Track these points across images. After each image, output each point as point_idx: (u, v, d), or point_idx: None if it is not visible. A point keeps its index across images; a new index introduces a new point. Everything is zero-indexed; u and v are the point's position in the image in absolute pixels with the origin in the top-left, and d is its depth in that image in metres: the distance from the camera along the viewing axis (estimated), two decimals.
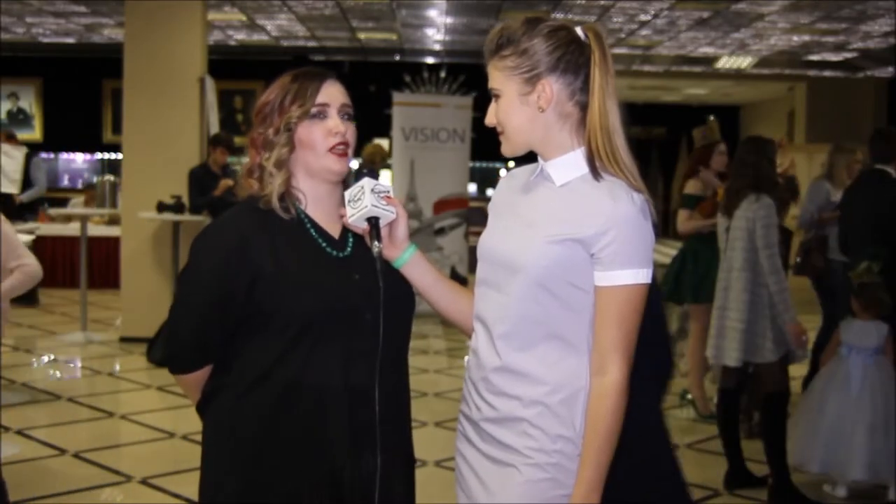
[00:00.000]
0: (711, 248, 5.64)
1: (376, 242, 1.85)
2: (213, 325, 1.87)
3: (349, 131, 1.91)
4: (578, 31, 1.82)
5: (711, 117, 6.54)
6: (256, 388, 1.85)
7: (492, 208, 1.97)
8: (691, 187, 5.79)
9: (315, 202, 1.92)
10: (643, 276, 1.76)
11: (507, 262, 1.82)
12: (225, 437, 1.89)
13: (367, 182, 1.87)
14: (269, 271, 1.82)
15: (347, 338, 1.84)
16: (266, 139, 1.89)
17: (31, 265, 4.35)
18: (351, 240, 1.93)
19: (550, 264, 1.76)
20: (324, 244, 1.90)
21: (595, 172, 1.78)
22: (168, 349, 1.96)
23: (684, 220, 5.75)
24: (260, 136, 1.91)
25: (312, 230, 1.90)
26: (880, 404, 4.34)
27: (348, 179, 1.94)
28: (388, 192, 1.89)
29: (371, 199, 1.84)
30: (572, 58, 1.80)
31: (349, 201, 1.87)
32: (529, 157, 1.91)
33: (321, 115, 1.89)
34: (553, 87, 1.79)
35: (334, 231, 1.93)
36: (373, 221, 1.85)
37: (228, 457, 1.88)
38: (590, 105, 1.79)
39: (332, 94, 1.91)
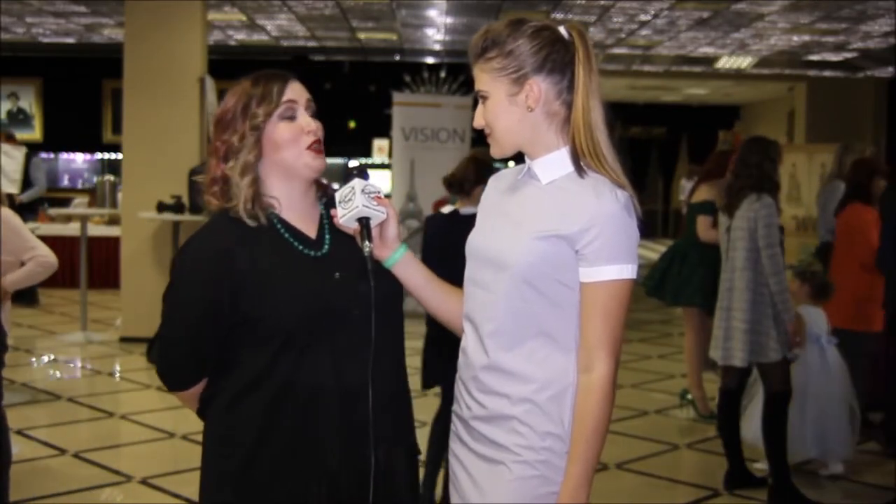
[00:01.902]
0: (699, 252, 5.65)
1: (367, 243, 1.85)
2: (202, 340, 1.87)
3: (319, 128, 1.90)
4: (562, 30, 1.83)
5: (738, 122, 6.52)
6: (249, 392, 1.85)
7: (480, 209, 1.98)
8: (705, 193, 5.66)
9: (289, 205, 1.91)
10: (628, 271, 1.77)
11: (493, 260, 1.83)
12: (220, 442, 1.90)
13: (357, 183, 1.87)
14: (249, 280, 1.82)
15: (336, 337, 1.84)
16: (230, 147, 1.86)
17: (44, 255, 4.44)
18: (328, 237, 1.93)
19: (536, 261, 1.77)
20: (300, 246, 1.89)
21: (580, 169, 1.80)
22: (161, 368, 1.96)
23: (707, 228, 5.57)
24: (223, 145, 1.87)
25: (286, 234, 1.89)
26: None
27: (340, 180, 1.94)
28: (379, 192, 1.89)
29: (362, 200, 1.85)
30: (558, 57, 1.81)
31: (340, 202, 1.87)
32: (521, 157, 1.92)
33: (290, 113, 1.87)
34: (541, 87, 1.80)
35: (310, 231, 1.92)
36: (363, 222, 1.86)
37: (224, 460, 1.88)
38: (574, 102, 1.81)
39: (298, 91, 1.89)
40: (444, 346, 3.24)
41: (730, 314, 4.38)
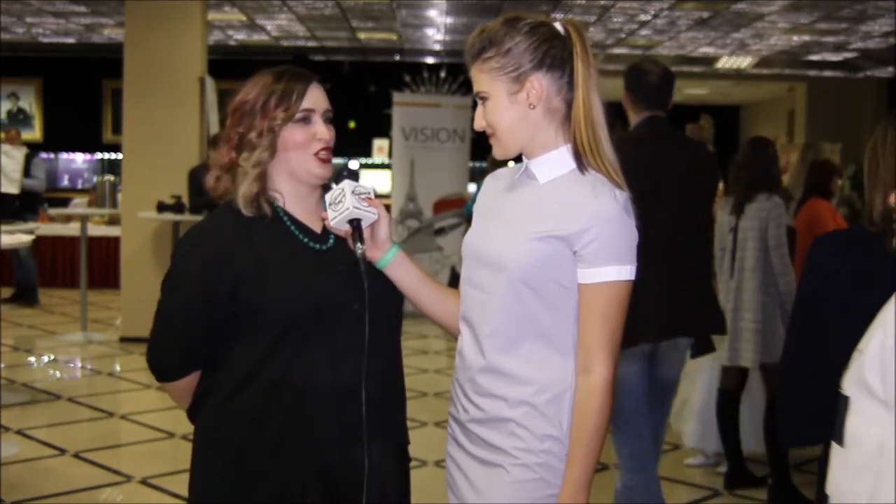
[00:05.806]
0: None
1: (359, 244, 1.85)
2: (196, 331, 1.88)
3: (332, 136, 1.92)
4: (558, 25, 1.82)
5: (704, 116, 6.47)
6: (244, 387, 1.85)
7: (476, 209, 1.97)
8: None
9: (295, 200, 1.92)
10: (627, 272, 1.75)
11: (490, 261, 1.81)
12: (213, 438, 1.90)
13: (347, 184, 1.87)
14: (251, 271, 1.82)
15: (335, 331, 1.84)
16: (246, 140, 1.88)
17: None
18: (332, 233, 1.93)
19: (534, 262, 1.76)
20: (305, 239, 1.90)
21: (581, 166, 1.79)
22: (152, 358, 1.96)
23: None
24: (237, 135, 1.89)
25: (292, 226, 1.90)
26: None
27: (329, 182, 1.95)
28: (369, 193, 1.89)
29: (352, 202, 1.85)
30: (556, 52, 1.80)
31: (330, 204, 1.87)
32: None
33: (306, 119, 1.88)
34: (542, 83, 1.79)
35: (315, 226, 1.93)
36: (355, 223, 1.86)
37: (217, 457, 1.88)
38: (574, 98, 1.79)
39: (317, 98, 1.91)
40: None
41: (738, 315, 4.35)
